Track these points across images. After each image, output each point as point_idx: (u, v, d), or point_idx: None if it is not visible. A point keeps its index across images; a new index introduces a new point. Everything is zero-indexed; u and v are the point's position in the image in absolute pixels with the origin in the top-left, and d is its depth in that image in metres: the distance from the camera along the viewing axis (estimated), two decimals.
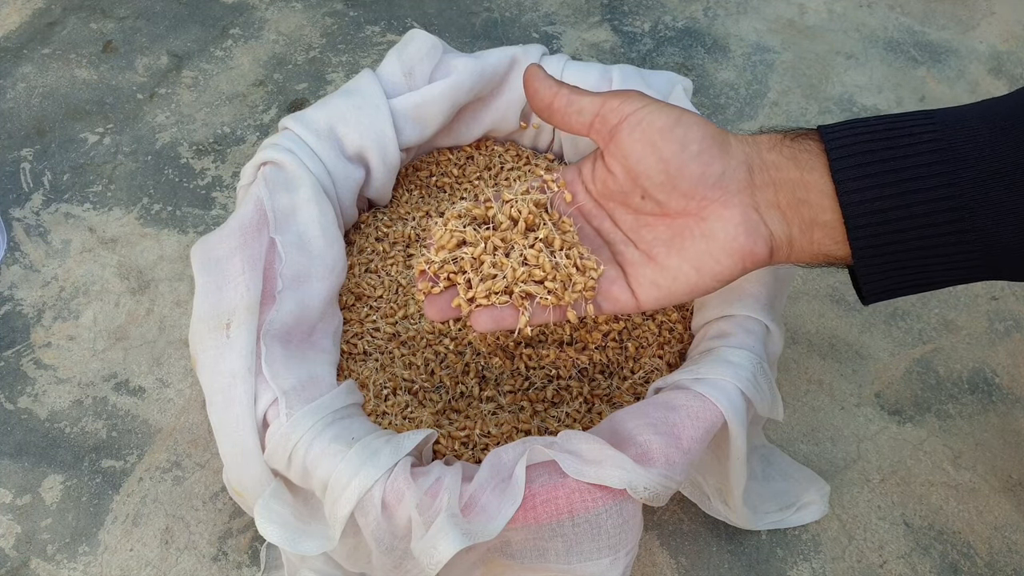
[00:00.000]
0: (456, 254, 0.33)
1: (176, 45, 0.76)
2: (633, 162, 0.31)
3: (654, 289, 0.32)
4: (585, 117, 0.32)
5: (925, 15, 0.80)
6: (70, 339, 0.56)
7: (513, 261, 0.32)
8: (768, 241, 0.31)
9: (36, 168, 0.66)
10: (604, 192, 0.34)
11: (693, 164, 0.30)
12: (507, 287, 0.32)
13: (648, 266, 0.33)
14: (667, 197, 0.31)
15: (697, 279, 0.31)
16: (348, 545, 0.38)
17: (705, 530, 0.47)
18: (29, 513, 0.49)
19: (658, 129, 0.30)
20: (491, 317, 0.32)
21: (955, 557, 0.47)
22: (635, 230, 0.33)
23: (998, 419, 0.52)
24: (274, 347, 0.40)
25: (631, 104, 0.31)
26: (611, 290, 0.33)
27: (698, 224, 0.31)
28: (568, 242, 0.33)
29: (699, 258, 0.31)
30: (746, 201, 0.30)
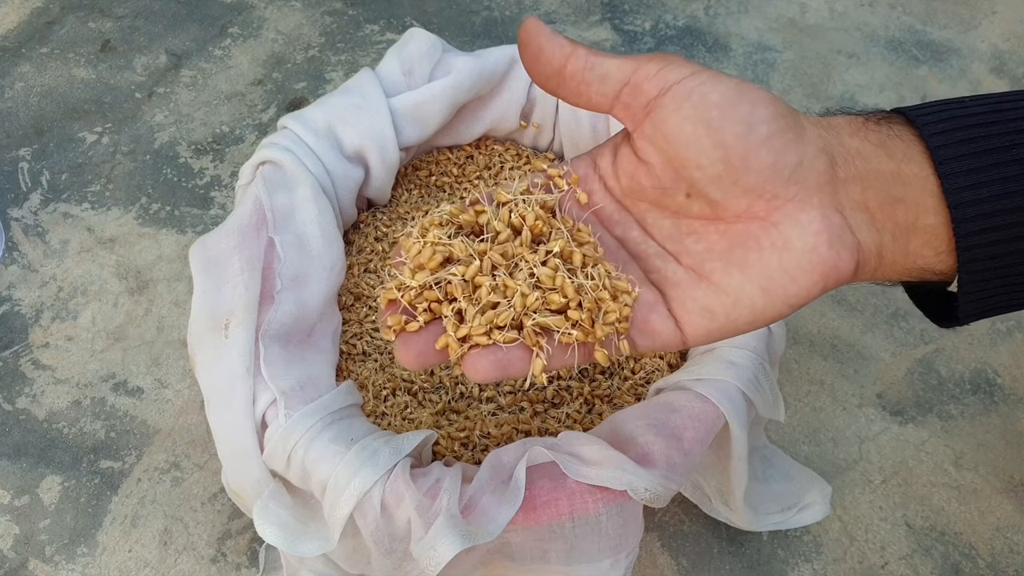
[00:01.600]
0: (441, 276, 0.24)
1: (175, 44, 0.76)
2: (679, 147, 0.24)
3: (706, 318, 0.24)
4: (610, 86, 0.24)
5: (926, 14, 0.80)
6: (68, 339, 0.56)
7: (522, 283, 0.24)
8: (855, 252, 0.24)
9: (34, 168, 0.66)
10: (632, 189, 0.26)
11: (763, 151, 0.23)
12: (515, 319, 0.24)
13: (698, 287, 0.25)
14: (725, 195, 0.24)
15: (764, 303, 0.24)
16: (347, 547, 0.38)
17: (706, 531, 0.47)
18: (27, 514, 0.49)
19: (715, 104, 0.23)
20: (493, 362, 0.23)
21: (957, 558, 0.47)
22: (676, 239, 0.26)
23: (1000, 420, 0.52)
24: (273, 347, 0.40)
25: (676, 70, 0.24)
26: (649, 320, 0.25)
27: (766, 231, 0.24)
28: (590, 257, 0.25)
29: (768, 275, 0.24)
30: (827, 200, 0.23)
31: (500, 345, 0.23)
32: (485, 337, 0.23)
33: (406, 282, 0.24)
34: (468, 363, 0.23)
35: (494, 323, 0.23)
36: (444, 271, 0.24)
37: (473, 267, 0.24)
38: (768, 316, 0.24)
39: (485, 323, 0.23)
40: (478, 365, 0.23)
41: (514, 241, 0.25)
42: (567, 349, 0.24)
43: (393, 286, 0.24)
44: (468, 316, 0.23)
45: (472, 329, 0.23)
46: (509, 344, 0.23)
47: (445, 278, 0.24)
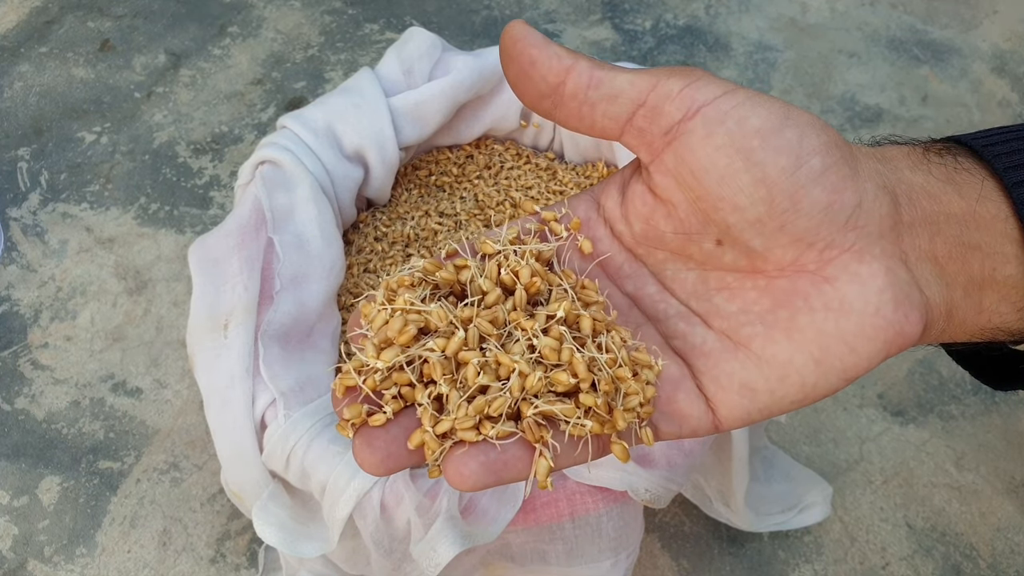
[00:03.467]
0: (415, 352, 0.19)
1: (174, 44, 0.76)
2: (711, 184, 0.19)
3: (745, 396, 0.20)
4: (621, 108, 0.20)
5: (927, 14, 0.80)
6: (67, 339, 0.56)
7: (519, 360, 0.19)
8: (923, 313, 0.19)
9: (33, 167, 0.66)
10: (647, 235, 0.21)
11: (816, 189, 0.19)
12: (512, 407, 0.19)
13: (734, 358, 0.20)
14: (768, 243, 0.19)
15: (817, 378, 0.19)
16: (347, 547, 0.38)
17: (707, 532, 0.47)
18: (26, 514, 0.48)
19: (756, 130, 0.19)
20: (484, 464, 0.18)
21: (958, 559, 0.46)
22: (704, 297, 0.21)
23: (1001, 420, 0.52)
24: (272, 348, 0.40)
25: (705, 88, 0.19)
26: (675, 400, 0.20)
27: (819, 288, 0.19)
28: (601, 322, 0.20)
29: (823, 344, 0.19)
30: (890, 250, 0.19)
31: (492, 442, 0.18)
32: (473, 432, 0.18)
33: (369, 362, 0.19)
34: (452, 468, 0.18)
35: (485, 413, 0.18)
36: (418, 346, 0.19)
37: (456, 340, 0.19)
38: (819, 393, 0.20)
39: (473, 413, 0.18)
40: (464, 470, 0.18)
41: (505, 304, 0.20)
42: (578, 443, 0.19)
43: (352, 368, 0.19)
44: (451, 404, 0.18)
45: (456, 422, 0.18)
46: (504, 440, 0.18)
47: (420, 355, 0.19)
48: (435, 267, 0.20)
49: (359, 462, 0.18)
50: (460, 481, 0.18)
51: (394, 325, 0.19)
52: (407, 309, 0.19)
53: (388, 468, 0.18)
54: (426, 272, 0.20)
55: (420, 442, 0.18)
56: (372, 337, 0.19)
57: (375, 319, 0.19)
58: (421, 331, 0.19)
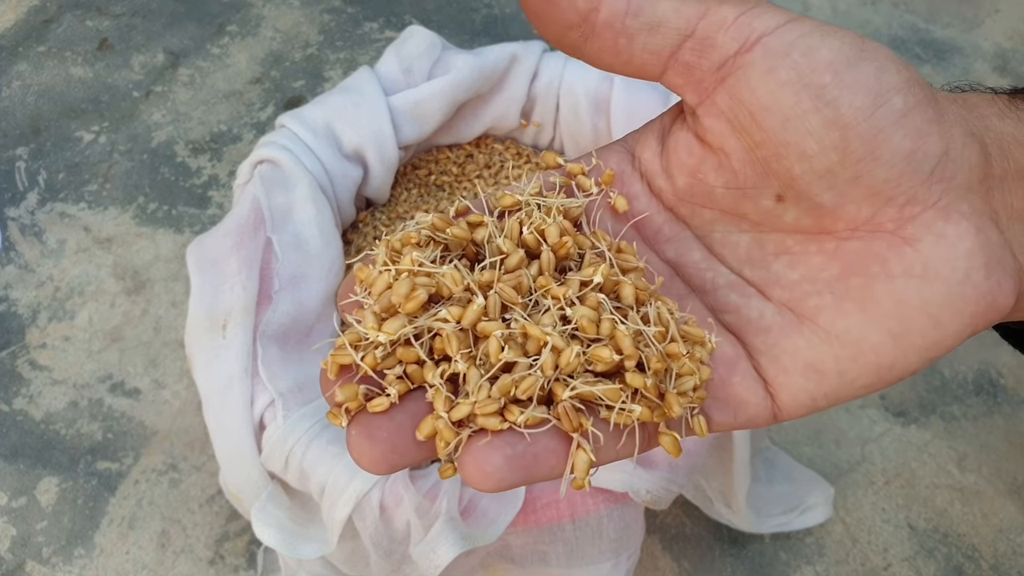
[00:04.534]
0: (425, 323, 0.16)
1: (172, 43, 0.75)
2: (774, 127, 0.16)
3: (811, 379, 0.17)
4: (664, 39, 0.17)
5: (930, 13, 0.80)
6: (65, 340, 0.56)
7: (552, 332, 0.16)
8: (1017, 280, 0.17)
9: (31, 167, 0.66)
10: (693, 191, 0.18)
11: (897, 134, 0.16)
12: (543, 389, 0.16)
13: (797, 333, 0.17)
14: (839, 198, 0.17)
15: (895, 356, 0.17)
16: (346, 549, 0.37)
17: (708, 533, 0.47)
18: (24, 515, 0.48)
19: (828, 63, 0.16)
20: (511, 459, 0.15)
21: (960, 560, 0.46)
22: (760, 263, 0.18)
23: (1003, 421, 0.52)
24: (271, 348, 0.39)
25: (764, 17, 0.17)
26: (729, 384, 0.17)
27: (897, 250, 0.17)
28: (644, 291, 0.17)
29: (903, 316, 0.17)
30: (980, 207, 0.17)
31: (521, 431, 0.15)
32: (497, 419, 0.15)
33: (368, 335, 0.16)
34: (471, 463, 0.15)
35: (511, 395, 0.15)
36: (429, 315, 0.16)
37: (474, 308, 0.16)
38: (895, 374, 0.17)
39: (498, 395, 0.15)
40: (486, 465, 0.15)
41: (529, 268, 0.17)
42: (622, 434, 0.16)
43: (347, 342, 0.16)
44: (470, 385, 0.15)
45: (477, 406, 0.15)
46: (535, 429, 0.15)
47: (430, 327, 0.16)
48: (445, 223, 0.17)
49: (356, 457, 0.15)
50: (482, 479, 0.15)
51: (399, 289, 0.16)
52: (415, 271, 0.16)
53: (391, 464, 0.15)
54: (434, 229, 0.17)
55: (431, 432, 0.15)
56: (372, 305, 0.16)
57: (375, 283, 0.16)
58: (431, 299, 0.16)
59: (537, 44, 0.52)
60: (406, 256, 0.16)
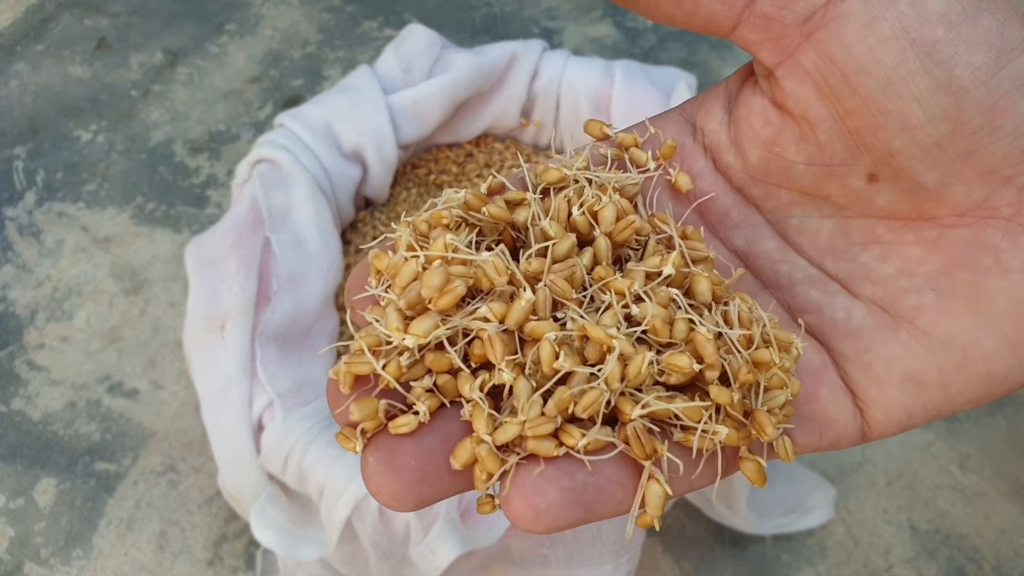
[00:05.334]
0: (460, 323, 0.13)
1: (171, 41, 0.75)
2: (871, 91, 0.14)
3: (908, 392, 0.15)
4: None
5: None
6: (63, 340, 0.56)
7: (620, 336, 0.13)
8: None
9: (29, 167, 0.65)
10: (768, 170, 0.16)
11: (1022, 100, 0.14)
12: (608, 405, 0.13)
13: (892, 337, 0.15)
14: (945, 176, 0.14)
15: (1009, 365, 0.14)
16: (345, 550, 0.37)
17: (709, 535, 0.47)
18: (23, 516, 0.48)
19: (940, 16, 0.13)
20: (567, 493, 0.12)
21: (962, 561, 0.46)
22: (846, 254, 0.16)
23: (1005, 422, 0.52)
24: (269, 349, 0.39)
25: None
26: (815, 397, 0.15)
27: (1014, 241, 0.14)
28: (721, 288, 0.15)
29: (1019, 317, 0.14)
30: None
31: (581, 458, 0.12)
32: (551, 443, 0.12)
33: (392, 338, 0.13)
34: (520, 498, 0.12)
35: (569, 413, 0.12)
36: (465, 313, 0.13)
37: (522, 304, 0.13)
38: (1008, 386, 0.15)
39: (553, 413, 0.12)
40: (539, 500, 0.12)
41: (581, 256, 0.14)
42: (700, 460, 0.13)
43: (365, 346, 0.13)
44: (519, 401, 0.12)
45: (527, 427, 0.12)
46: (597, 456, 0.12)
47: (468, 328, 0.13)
48: (481, 201, 0.14)
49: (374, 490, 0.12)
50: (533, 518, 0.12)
51: (431, 281, 0.12)
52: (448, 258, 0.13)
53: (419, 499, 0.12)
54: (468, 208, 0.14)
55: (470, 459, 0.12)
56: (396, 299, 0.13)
57: (400, 273, 0.13)
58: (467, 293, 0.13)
59: (537, 43, 0.52)
60: (437, 240, 0.13)
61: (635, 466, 0.13)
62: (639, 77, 0.49)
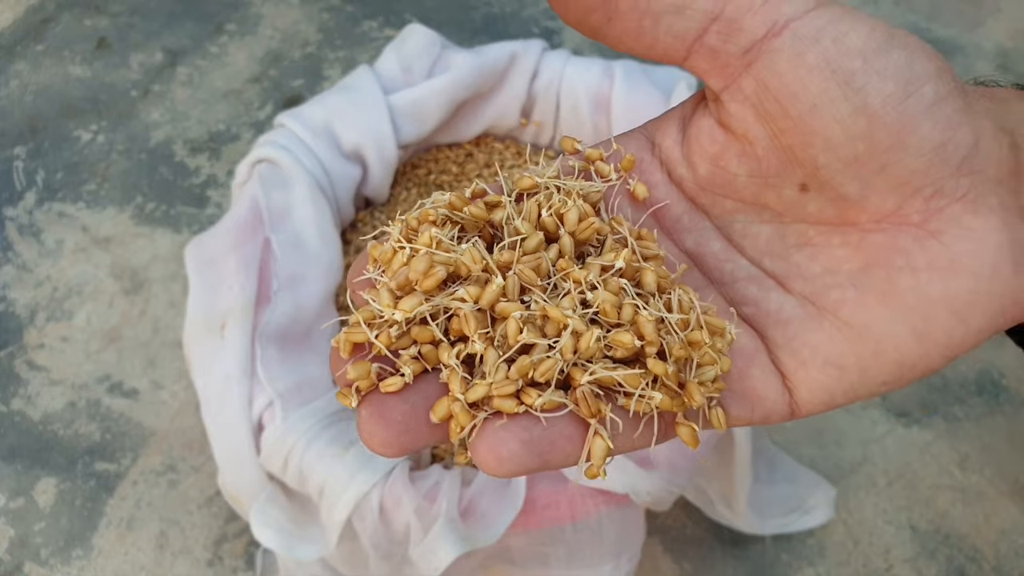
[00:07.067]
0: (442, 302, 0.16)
1: (171, 42, 0.75)
2: (800, 114, 0.16)
3: (830, 373, 0.17)
4: (689, 22, 0.16)
5: (931, 12, 0.79)
6: (63, 340, 0.56)
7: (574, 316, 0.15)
8: None
9: (29, 167, 0.65)
10: (715, 181, 0.18)
11: (927, 123, 0.16)
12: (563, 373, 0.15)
13: (817, 327, 0.17)
14: (864, 187, 0.17)
15: (917, 354, 0.17)
16: (345, 550, 0.37)
17: (709, 535, 0.47)
18: (23, 516, 0.48)
19: (857, 50, 0.16)
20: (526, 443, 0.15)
21: (962, 561, 0.46)
22: (781, 255, 0.18)
23: (1005, 421, 0.52)
24: (269, 348, 0.39)
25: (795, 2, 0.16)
26: (747, 376, 0.17)
27: (922, 243, 0.16)
28: (665, 279, 0.17)
29: (926, 312, 0.16)
30: (1009, 202, 0.16)
31: (537, 415, 0.15)
32: (513, 401, 0.15)
33: (384, 313, 0.15)
34: (485, 446, 0.15)
35: (529, 377, 0.15)
36: (446, 294, 0.16)
37: (494, 288, 0.15)
38: (916, 372, 0.17)
39: (515, 377, 0.15)
40: (501, 449, 0.15)
41: (548, 251, 0.17)
42: (639, 421, 0.16)
43: (361, 319, 0.15)
44: (487, 366, 0.15)
45: (494, 387, 0.15)
46: (551, 413, 0.15)
47: (448, 306, 0.15)
48: (463, 202, 0.17)
49: (366, 437, 0.15)
50: (496, 464, 0.15)
51: (417, 266, 0.15)
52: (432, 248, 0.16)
53: (403, 447, 0.15)
54: (452, 208, 0.17)
55: (446, 413, 0.15)
56: (388, 281, 0.16)
57: (391, 260, 0.16)
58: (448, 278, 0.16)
59: (537, 43, 0.52)
60: (424, 233, 0.16)
61: (583, 425, 0.15)
62: (639, 77, 0.49)
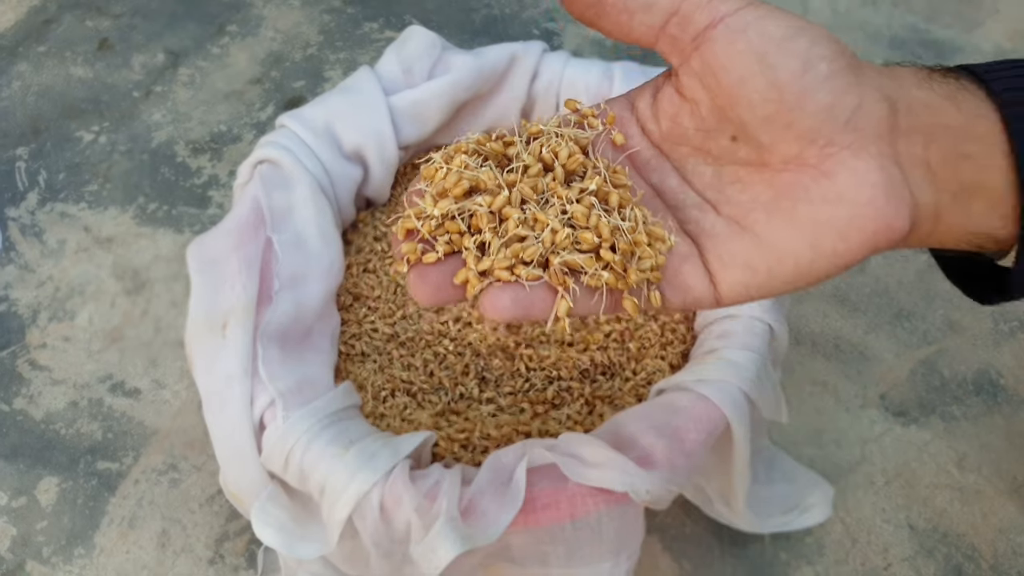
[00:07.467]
0: (466, 205, 0.22)
1: (172, 43, 0.75)
2: (730, 84, 0.22)
3: (746, 273, 0.23)
4: (655, 16, 0.22)
5: (930, 13, 0.80)
6: (65, 340, 0.56)
7: (553, 219, 0.22)
8: (912, 210, 0.22)
9: (31, 167, 0.66)
10: (673, 133, 0.24)
11: (820, 91, 0.21)
12: (542, 256, 0.22)
13: (739, 239, 0.23)
14: (775, 139, 0.22)
15: (811, 259, 0.22)
16: (346, 549, 0.37)
17: (708, 533, 0.47)
18: (25, 515, 0.48)
19: (773, 38, 0.21)
20: (515, 300, 0.21)
21: (960, 560, 0.46)
22: (717, 188, 0.24)
23: (1003, 420, 0.52)
24: (271, 348, 0.39)
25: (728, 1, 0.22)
26: (681, 272, 0.23)
27: (818, 181, 0.22)
28: (627, 199, 0.23)
29: (817, 230, 0.22)
30: (886, 151, 0.21)
31: (523, 283, 0.21)
32: (508, 272, 0.21)
33: (427, 210, 0.22)
34: (487, 300, 0.21)
35: (519, 257, 0.21)
36: (469, 200, 0.22)
37: (501, 197, 0.22)
38: (813, 275, 0.22)
39: (510, 257, 0.21)
40: (498, 302, 0.21)
41: (545, 177, 0.23)
42: (594, 293, 0.22)
43: (412, 214, 0.22)
44: (492, 248, 0.22)
45: (495, 262, 0.21)
46: (533, 282, 0.21)
47: (470, 208, 0.22)
48: (487, 140, 0.24)
49: (413, 293, 0.22)
50: (494, 311, 0.21)
51: (450, 179, 0.22)
52: (462, 168, 0.23)
53: (438, 299, 0.22)
54: (478, 143, 0.24)
55: (464, 279, 0.22)
56: (431, 189, 0.23)
57: (435, 175, 0.23)
58: (471, 190, 0.23)
59: (537, 44, 0.52)
60: (456, 157, 0.23)
61: (554, 291, 0.22)
62: (638, 77, 0.49)
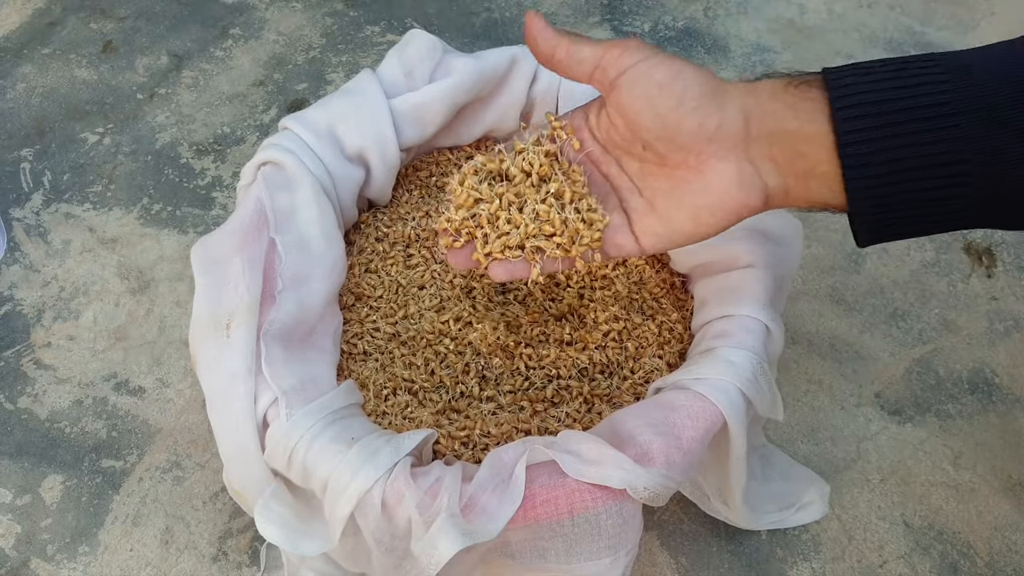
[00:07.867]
0: (474, 211, 0.35)
1: (176, 45, 0.76)
2: (632, 116, 0.32)
3: (653, 237, 0.34)
4: (585, 68, 0.33)
5: (925, 15, 0.80)
6: (70, 339, 0.56)
7: (526, 217, 0.35)
8: (763, 192, 0.32)
9: (36, 168, 0.66)
10: (609, 140, 0.35)
11: (690, 119, 0.31)
12: (520, 242, 0.35)
13: (650, 215, 0.34)
14: (666, 150, 0.32)
15: (694, 229, 0.33)
16: (348, 545, 0.38)
17: (705, 530, 0.47)
18: (29, 513, 0.49)
19: (657, 84, 0.31)
20: (506, 269, 0.35)
21: (955, 557, 0.47)
22: (641, 177, 0.35)
23: (998, 419, 0.52)
24: (274, 347, 0.40)
25: (630, 56, 0.32)
26: (616, 237, 0.35)
27: (696, 177, 0.32)
28: (578, 193, 0.35)
29: (696, 211, 0.33)
30: (740, 155, 0.31)
31: (510, 259, 0.35)
32: (500, 254, 0.35)
33: (452, 216, 0.36)
34: (491, 270, 0.36)
35: (506, 244, 0.35)
36: (476, 208, 0.36)
37: (495, 205, 0.35)
38: (696, 238, 0.34)
39: (500, 245, 0.35)
40: (496, 271, 0.35)
41: (525, 183, 0.36)
42: (554, 261, 0.35)
43: (444, 219, 0.36)
44: (490, 240, 0.35)
45: (492, 248, 0.35)
46: (515, 259, 0.35)
47: (477, 213, 0.36)
48: (487, 161, 0.36)
49: (452, 264, 0.37)
50: (494, 276, 0.36)
51: (462, 196, 0.36)
52: (471, 188, 0.36)
53: (465, 268, 0.37)
54: (482, 165, 0.36)
55: (478, 257, 0.36)
56: (454, 200, 0.36)
57: (456, 192, 0.36)
58: (478, 200, 0.36)
59: None
60: (467, 179, 0.36)
61: (529, 262, 0.35)
62: None
